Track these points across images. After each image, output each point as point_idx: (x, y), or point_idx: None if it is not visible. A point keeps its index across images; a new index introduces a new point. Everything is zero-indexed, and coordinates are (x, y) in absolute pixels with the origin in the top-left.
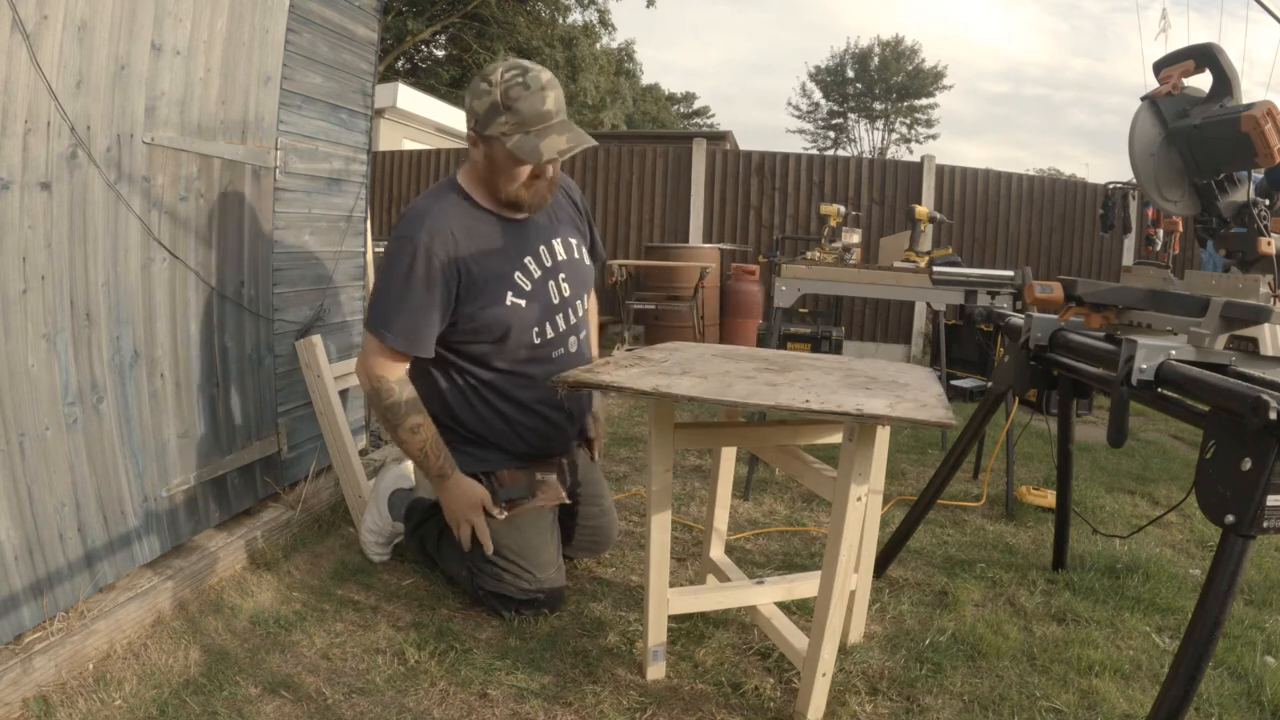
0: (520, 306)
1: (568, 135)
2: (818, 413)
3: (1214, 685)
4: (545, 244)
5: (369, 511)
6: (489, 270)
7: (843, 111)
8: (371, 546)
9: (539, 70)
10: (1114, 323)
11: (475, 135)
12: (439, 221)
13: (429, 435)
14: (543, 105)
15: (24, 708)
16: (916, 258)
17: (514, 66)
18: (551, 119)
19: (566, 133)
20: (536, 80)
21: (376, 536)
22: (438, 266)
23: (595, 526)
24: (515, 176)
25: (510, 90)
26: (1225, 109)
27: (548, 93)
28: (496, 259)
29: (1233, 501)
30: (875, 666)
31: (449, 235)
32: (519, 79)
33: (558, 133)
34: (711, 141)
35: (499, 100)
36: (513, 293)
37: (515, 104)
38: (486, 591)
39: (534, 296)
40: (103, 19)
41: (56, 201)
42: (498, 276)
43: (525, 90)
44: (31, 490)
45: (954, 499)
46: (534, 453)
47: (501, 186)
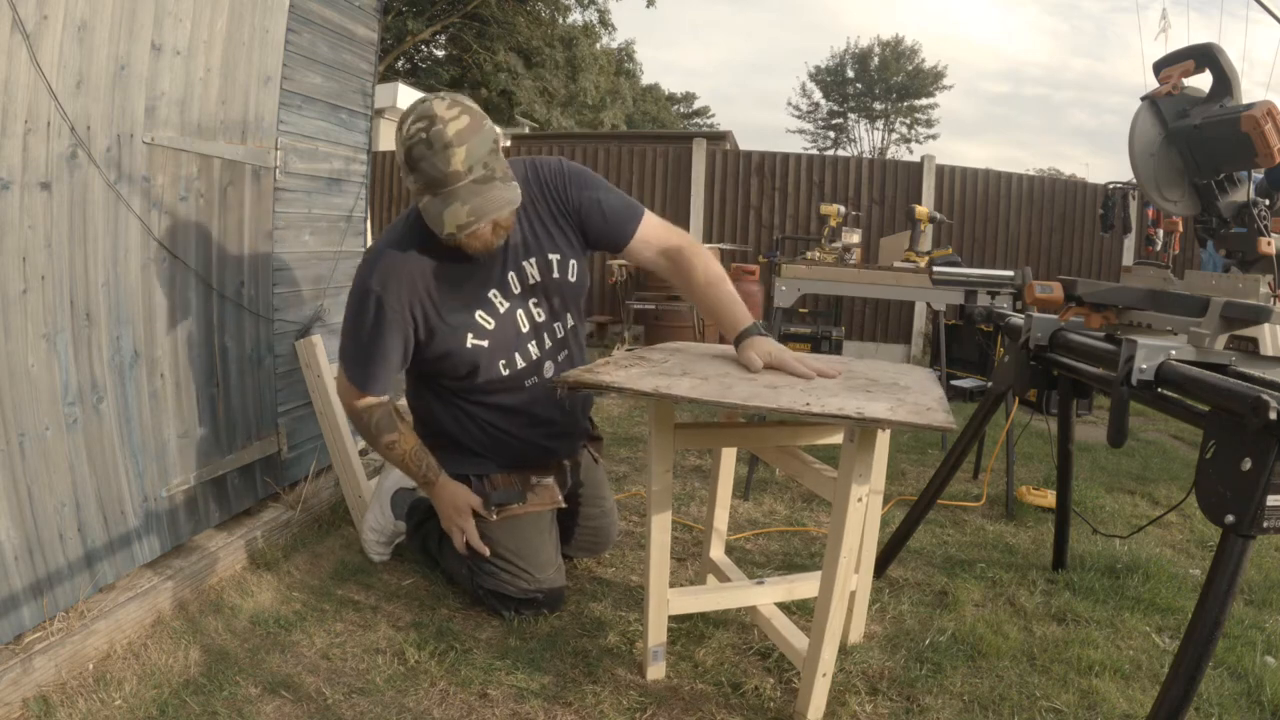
0: (483, 347)
1: (473, 204)
2: (818, 416)
3: (1214, 685)
4: (515, 269)
5: (371, 511)
6: (448, 313)
7: (843, 111)
8: (373, 546)
9: (447, 123)
10: (1114, 323)
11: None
12: (395, 266)
13: (407, 447)
14: (447, 167)
15: (24, 708)
16: (916, 258)
17: (421, 117)
18: (458, 180)
19: (474, 198)
20: (440, 137)
21: (378, 536)
22: (390, 316)
23: (595, 527)
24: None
25: (413, 149)
26: (1225, 109)
27: (453, 151)
28: (457, 300)
29: (1233, 501)
30: (875, 666)
31: (404, 281)
32: (422, 134)
33: (462, 200)
34: (711, 141)
35: (404, 158)
36: (473, 334)
37: (418, 165)
38: (486, 591)
39: (499, 331)
40: (103, 19)
41: (56, 201)
42: (458, 319)
43: (428, 149)
44: (31, 490)
45: (954, 499)
46: (528, 463)
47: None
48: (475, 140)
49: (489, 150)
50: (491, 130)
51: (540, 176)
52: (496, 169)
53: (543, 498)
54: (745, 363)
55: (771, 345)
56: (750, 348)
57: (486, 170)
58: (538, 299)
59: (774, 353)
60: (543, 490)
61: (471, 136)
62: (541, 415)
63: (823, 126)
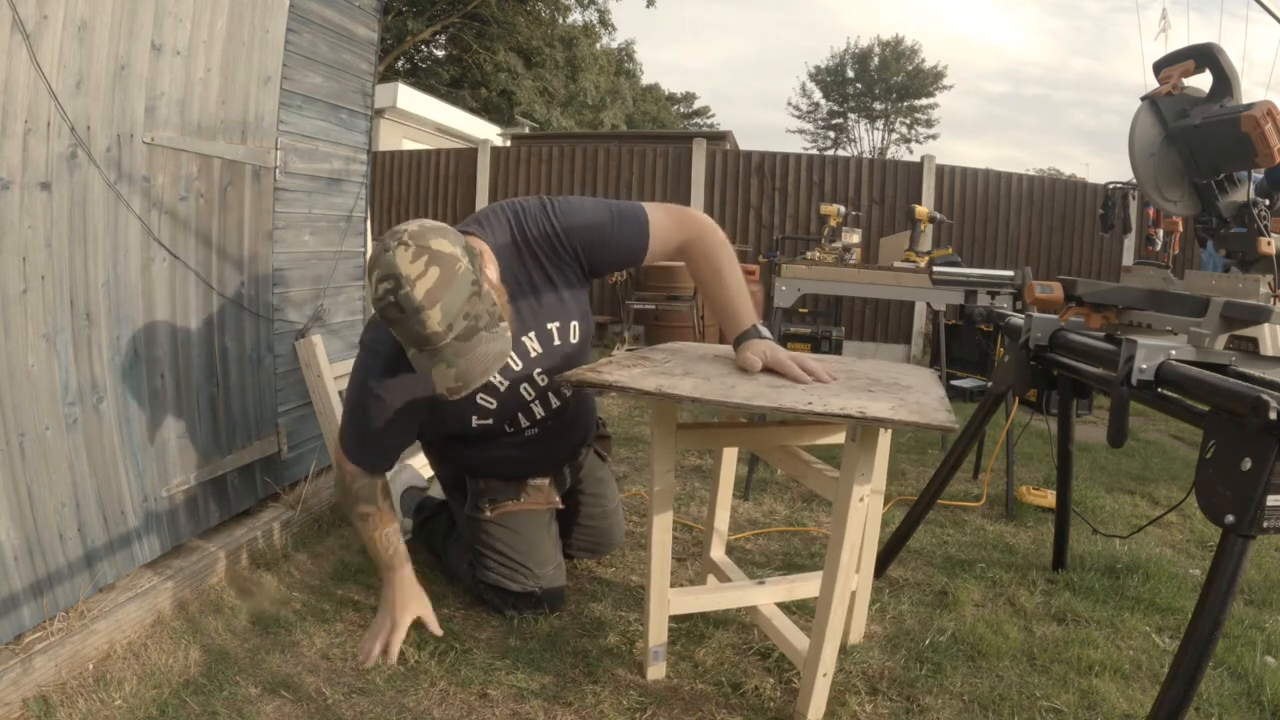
0: (487, 425)
1: (459, 366)
2: (821, 415)
3: (1214, 685)
4: (515, 348)
5: None
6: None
7: (843, 111)
8: None
9: (414, 283)
10: (1114, 323)
11: None
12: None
13: (378, 526)
14: (424, 330)
15: (24, 708)
16: (916, 258)
17: (387, 276)
18: (440, 340)
19: (460, 359)
20: (409, 301)
21: None
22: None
23: (595, 527)
24: None
25: (385, 312)
26: (1225, 109)
27: (426, 314)
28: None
29: (1233, 501)
30: (875, 666)
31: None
32: (390, 298)
33: (447, 361)
34: (711, 141)
35: (378, 316)
36: (477, 415)
37: (394, 327)
38: (486, 586)
39: (501, 408)
40: (103, 19)
41: (56, 201)
42: (460, 408)
43: (400, 314)
44: (31, 490)
45: (954, 499)
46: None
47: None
48: (449, 294)
49: (466, 298)
50: (467, 274)
51: (528, 234)
52: (480, 315)
53: (537, 497)
54: (743, 364)
55: (769, 346)
56: (748, 349)
57: (469, 321)
58: (541, 369)
59: (769, 353)
60: (537, 491)
61: (444, 291)
62: (540, 450)
63: (823, 126)
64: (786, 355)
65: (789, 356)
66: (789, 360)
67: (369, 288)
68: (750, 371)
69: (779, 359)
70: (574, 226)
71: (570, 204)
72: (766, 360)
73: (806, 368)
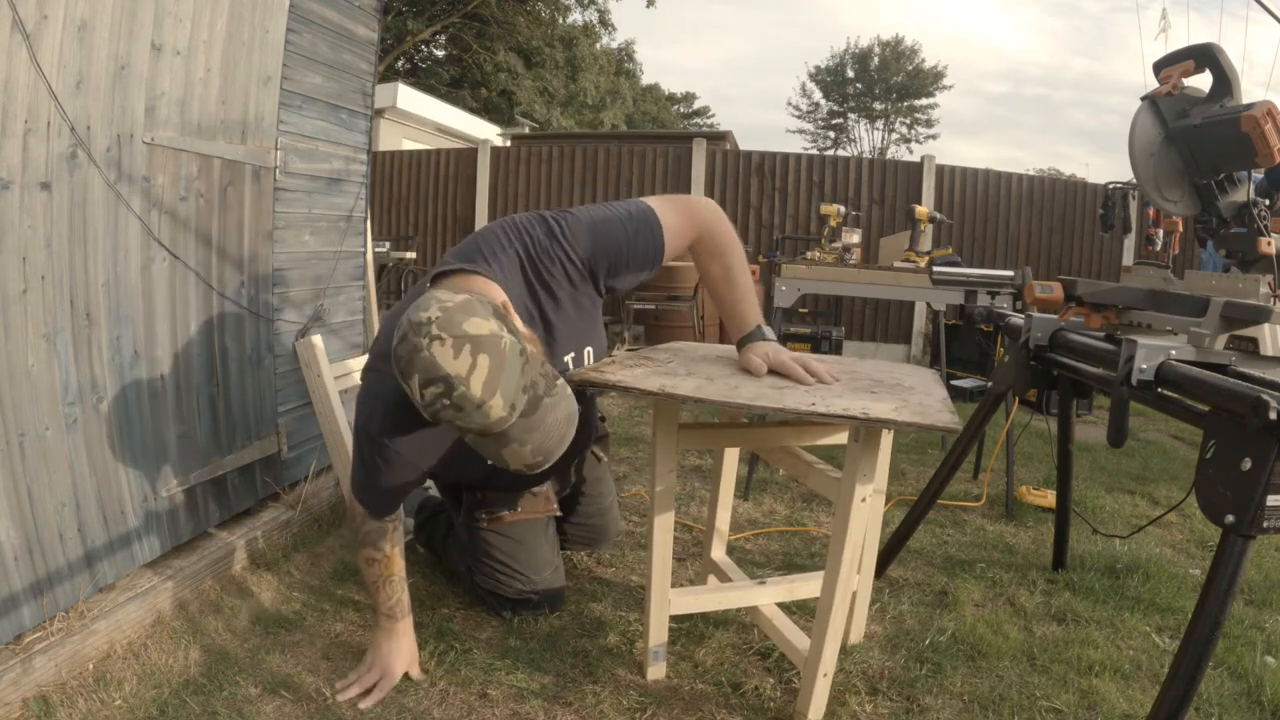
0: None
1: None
2: (824, 416)
3: (1214, 685)
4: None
5: None
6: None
7: (843, 111)
8: None
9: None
10: (1114, 323)
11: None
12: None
13: (383, 573)
14: (488, 420)
15: (24, 708)
16: (916, 258)
17: (433, 381)
18: (505, 424)
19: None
20: (468, 400)
21: None
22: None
23: (591, 525)
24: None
25: (440, 413)
26: (1225, 109)
27: (488, 406)
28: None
29: (1233, 501)
30: (875, 666)
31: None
32: (444, 400)
33: (519, 441)
34: (711, 141)
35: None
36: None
37: (454, 424)
38: (484, 590)
39: None
40: (103, 19)
41: (56, 201)
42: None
43: (459, 413)
44: (31, 490)
45: (954, 499)
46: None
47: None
48: (504, 377)
49: (520, 372)
50: (513, 348)
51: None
52: (538, 383)
53: (535, 505)
54: (747, 367)
55: (772, 348)
56: (752, 351)
57: (530, 394)
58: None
59: (772, 354)
60: (535, 499)
61: (499, 376)
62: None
63: (823, 126)
64: (790, 356)
65: (792, 358)
66: (792, 361)
67: (411, 391)
68: (755, 374)
69: (783, 360)
70: (591, 252)
71: (579, 224)
72: (770, 362)
73: (810, 369)
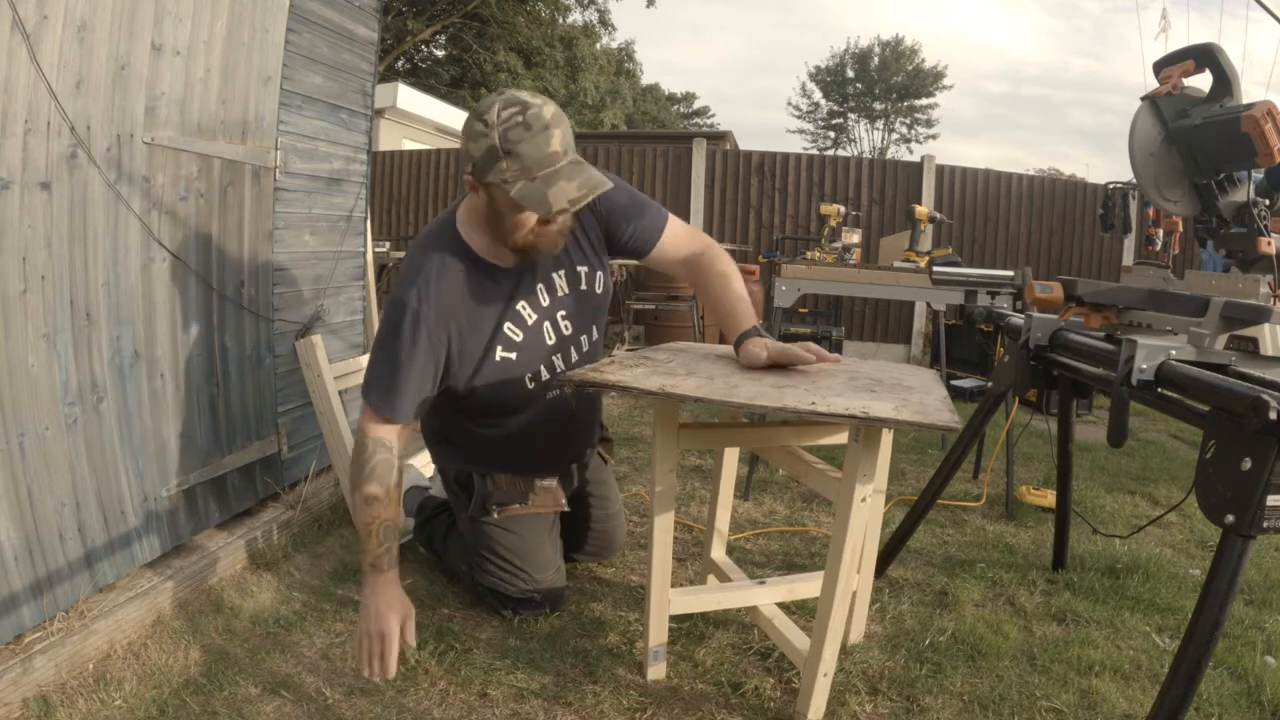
0: (510, 360)
1: (579, 180)
2: (824, 415)
3: (1214, 685)
4: (544, 281)
5: None
6: (480, 323)
7: (843, 111)
8: None
9: (541, 105)
10: (1114, 323)
11: (474, 180)
12: (433, 280)
13: (379, 514)
14: (548, 147)
15: (24, 708)
16: (916, 258)
17: (512, 103)
18: (559, 161)
19: (578, 177)
20: (539, 118)
21: None
22: (427, 334)
23: (601, 531)
24: (522, 224)
25: (509, 132)
26: (1225, 109)
27: (553, 131)
28: (489, 311)
29: (1233, 501)
30: (875, 666)
31: (442, 295)
32: (518, 118)
33: (567, 178)
34: (711, 141)
35: (497, 144)
36: (502, 347)
37: (516, 147)
38: (485, 589)
39: (526, 343)
40: (103, 19)
41: (56, 201)
42: (488, 330)
43: (526, 131)
44: (31, 490)
45: (954, 499)
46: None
47: (507, 235)
48: (565, 125)
49: (571, 133)
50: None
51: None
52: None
53: (545, 500)
54: (748, 359)
55: (770, 341)
56: (751, 344)
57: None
58: (565, 311)
59: (771, 344)
60: (545, 493)
61: (563, 120)
62: (557, 431)
63: (823, 126)
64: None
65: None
66: (793, 348)
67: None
68: (755, 363)
69: (783, 347)
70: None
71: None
72: (771, 351)
73: (810, 349)
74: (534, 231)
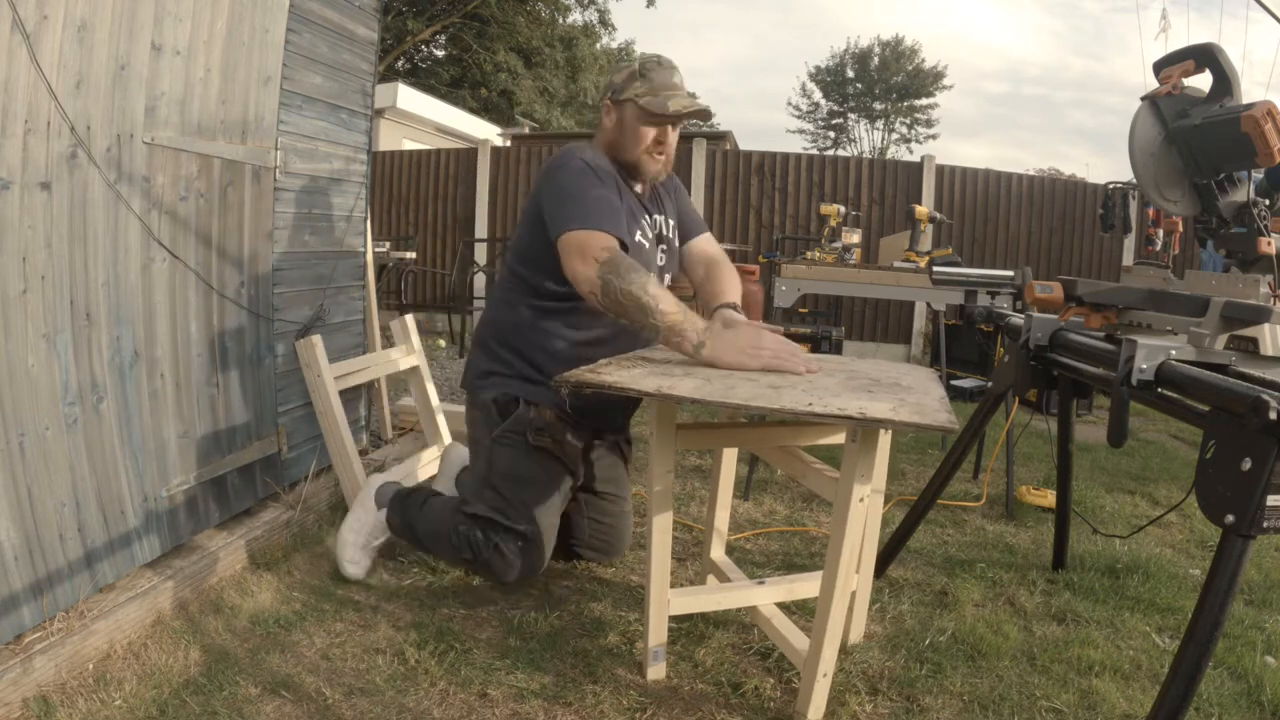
0: (644, 246)
1: (691, 99)
2: (821, 416)
3: (1214, 685)
4: (648, 219)
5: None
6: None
7: (843, 111)
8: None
9: (672, 61)
10: (1114, 323)
11: (610, 103)
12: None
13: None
14: (672, 78)
15: (24, 707)
16: (916, 258)
17: (653, 55)
18: (679, 90)
19: (690, 100)
20: (670, 63)
21: (356, 537)
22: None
23: (609, 525)
24: (642, 138)
25: (645, 64)
26: (1225, 109)
27: (677, 74)
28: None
29: (1233, 501)
30: (875, 666)
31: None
32: (655, 60)
33: (682, 98)
34: (711, 141)
35: (636, 70)
36: (640, 232)
37: (649, 73)
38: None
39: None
40: (103, 19)
41: (56, 201)
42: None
43: (659, 67)
44: (31, 490)
45: (954, 499)
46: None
47: (629, 148)
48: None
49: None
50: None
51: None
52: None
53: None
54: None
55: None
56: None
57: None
58: (664, 248)
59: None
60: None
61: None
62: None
63: (823, 126)
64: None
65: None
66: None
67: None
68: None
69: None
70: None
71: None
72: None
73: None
74: (649, 151)
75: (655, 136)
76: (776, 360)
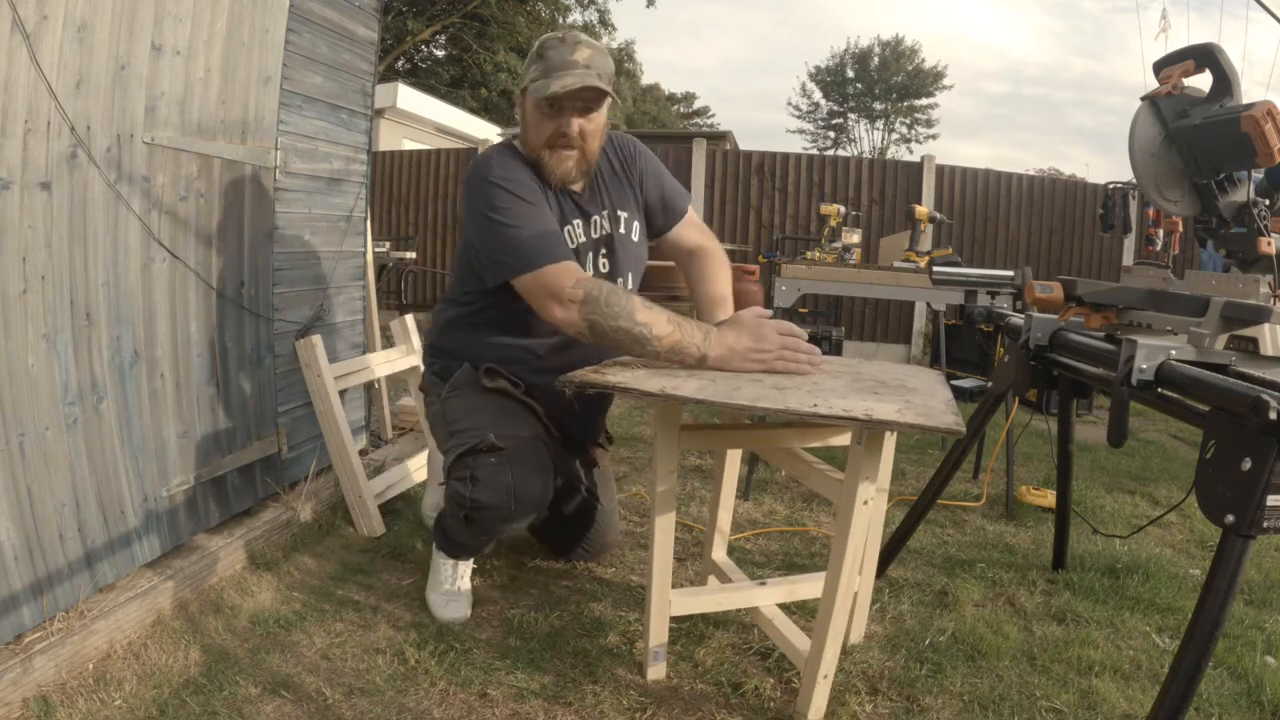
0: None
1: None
2: (826, 418)
3: (1214, 685)
4: (583, 219)
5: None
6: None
7: (843, 111)
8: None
9: (583, 35)
10: (1114, 323)
11: (520, 96)
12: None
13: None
14: (570, 55)
15: (24, 708)
16: (916, 258)
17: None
18: (574, 68)
19: (585, 80)
20: (574, 38)
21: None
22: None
23: (600, 529)
24: (540, 131)
25: (545, 42)
26: (1225, 109)
27: (580, 49)
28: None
29: (1233, 501)
30: (875, 666)
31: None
32: (557, 36)
33: (573, 75)
34: (711, 141)
35: (535, 51)
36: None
37: (545, 53)
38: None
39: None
40: (103, 19)
41: (56, 201)
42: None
43: (560, 43)
44: (31, 490)
45: (954, 499)
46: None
47: (530, 145)
48: (600, 55)
49: (608, 69)
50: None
51: (613, 141)
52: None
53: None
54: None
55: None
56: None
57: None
58: (606, 251)
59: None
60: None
61: (597, 48)
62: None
63: (823, 126)
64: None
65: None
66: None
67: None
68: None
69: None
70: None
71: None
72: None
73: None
74: (550, 144)
75: (555, 128)
76: (781, 363)
